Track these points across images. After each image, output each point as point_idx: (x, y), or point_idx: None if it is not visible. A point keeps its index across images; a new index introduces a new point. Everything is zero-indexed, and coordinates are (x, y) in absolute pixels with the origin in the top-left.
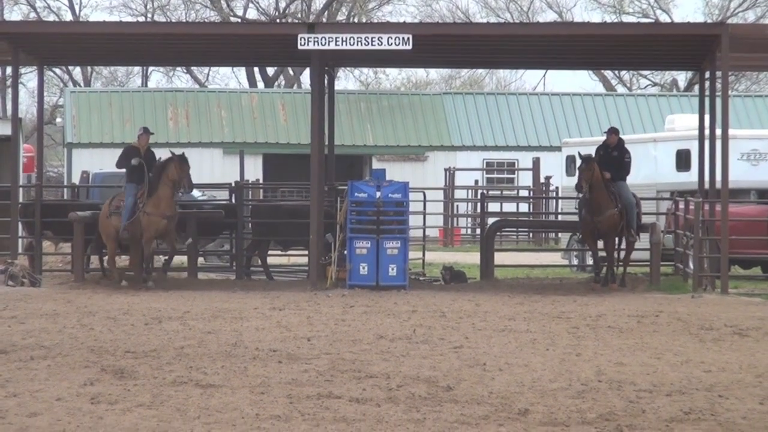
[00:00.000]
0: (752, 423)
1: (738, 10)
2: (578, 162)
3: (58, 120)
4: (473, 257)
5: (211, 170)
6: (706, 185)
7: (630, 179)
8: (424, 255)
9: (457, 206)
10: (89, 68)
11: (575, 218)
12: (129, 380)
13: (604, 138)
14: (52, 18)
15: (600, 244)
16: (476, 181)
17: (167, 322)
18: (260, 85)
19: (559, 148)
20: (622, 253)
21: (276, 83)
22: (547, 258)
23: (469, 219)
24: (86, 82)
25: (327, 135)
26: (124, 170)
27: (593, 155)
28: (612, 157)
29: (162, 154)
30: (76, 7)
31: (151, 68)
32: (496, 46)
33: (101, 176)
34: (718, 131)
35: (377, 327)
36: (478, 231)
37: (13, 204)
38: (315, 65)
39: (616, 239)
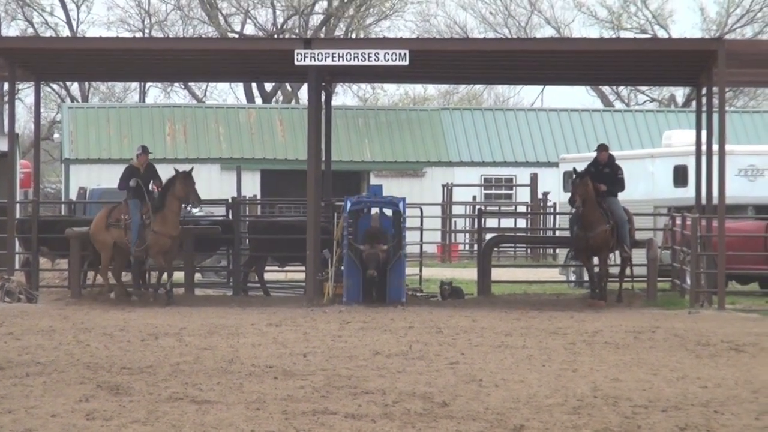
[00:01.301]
0: None
1: (736, 25)
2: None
3: (56, 136)
4: (470, 273)
5: (209, 186)
6: (704, 201)
7: (627, 195)
8: (421, 271)
9: (455, 222)
10: (87, 84)
11: None
12: (124, 396)
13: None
14: (49, 33)
15: (595, 260)
16: (474, 197)
17: (163, 338)
18: (258, 100)
19: (556, 164)
20: (616, 270)
21: (274, 99)
22: (544, 274)
23: (467, 235)
24: (84, 97)
25: (324, 151)
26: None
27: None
28: (604, 174)
29: (160, 170)
30: (74, 23)
31: (148, 84)
32: (493, 61)
33: (99, 192)
34: (716, 147)
35: (374, 343)
36: (475, 247)
37: (9, 220)
38: (312, 81)
39: (610, 255)
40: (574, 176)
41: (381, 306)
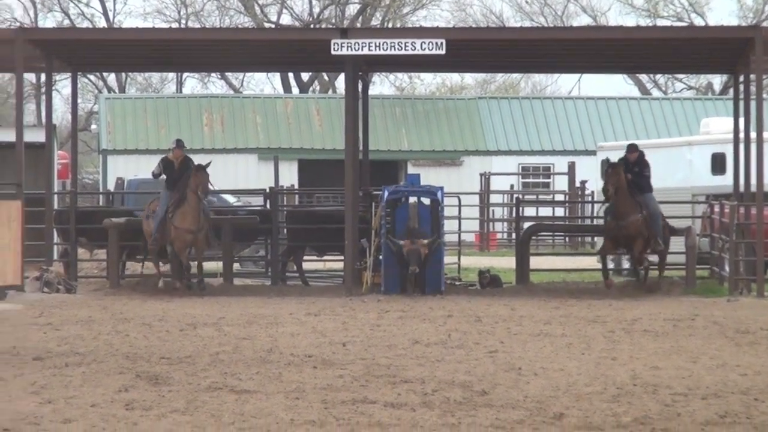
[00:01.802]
0: None
1: None
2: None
3: (93, 126)
4: (509, 261)
5: (246, 176)
6: (742, 188)
7: (665, 183)
8: (459, 260)
9: (493, 211)
10: (123, 74)
11: None
12: (164, 386)
13: (638, 142)
14: (85, 25)
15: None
16: (512, 186)
17: (202, 328)
18: (295, 90)
19: (594, 152)
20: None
21: (311, 88)
22: (582, 262)
23: (505, 223)
24: (121, 88)
25: (362, 140)
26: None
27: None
28: (633, 173)
29: (197, 160)
30: (110, 14)
31: (185, 74)
32: (530, 50)
33: (136, 183)
34: (753, 134)
35: (412, 332)
36: (513, 235)
37: (47, 211)
38: (349, 70)
39: (643, 245)
40: (606, 167)
41: (419, 295)
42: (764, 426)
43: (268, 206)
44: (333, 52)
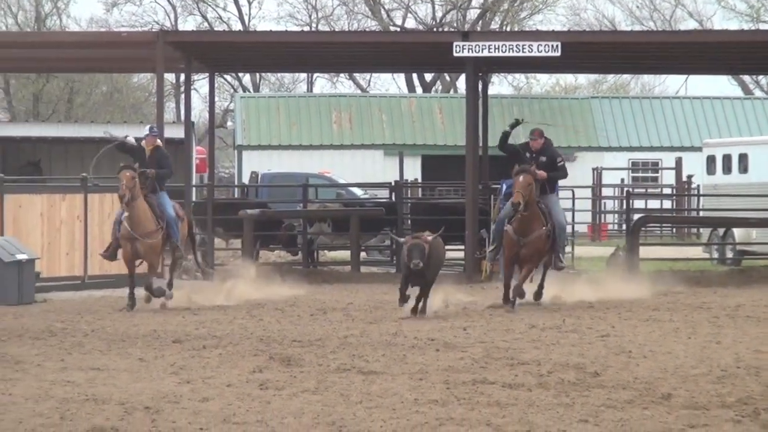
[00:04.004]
0: None
1: None
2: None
3: (229, 123)
4: None
5: (373, 170)
6: None
7: (763, 178)
8: (573, 249)
9: (604, 203)
10: (258, 75)
11: (717, 214)
12: (295, 367)
13: (741, 139)
14: (222, 28)
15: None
16: (622, 180)
17: (331, 313)
18: (418, 90)
19: (700, 149)
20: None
21: (433, 88)
22: (689, 252)
23: (615, 215)
24: (255, 88)
25: (482, 137)
26: (291, 172)
27: None
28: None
29: (325, 156)
30: (245, 18)
31: (315, 75)
32: (639, 52)
33: (269, 176)
34: None
35: (529, 317)
36: (624, 226)
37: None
38: (469, 71)
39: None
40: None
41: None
42: None
43: (393, 198)
44: (455, 54)
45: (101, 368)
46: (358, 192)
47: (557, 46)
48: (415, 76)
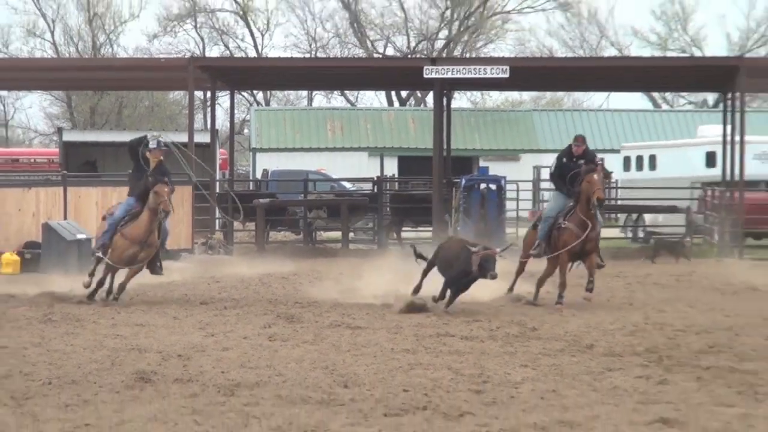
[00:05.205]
0: (762, 354)
1: (753, 46)
2: (634, 161)
3: (246, 131)
4: None
5: (359, 168)
6: (728, 177)
7: (671, 173)
8: (517, 231)
9: (542, 194)
10: (269, 92)
11: (631, 203)
12: (297, 324)
13: (651, 143)
14: (240, 55)
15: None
16: None
17: (326, 280)
18: (396, 104)
19: (618, 151)
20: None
21: (408, 103)
22: (610, 232)
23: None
24: (266, 102)
25: (445, 141)
26: (295, 169)
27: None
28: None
29: (322, 157)
30: (259, 47)
31: (314, 92)
32: (571, 74)
33: (277, 173)
34: (738, 138)
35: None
36: None
37: (212, 193)
38: (437, 90)
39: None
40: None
41: None
42: (743, 354)
43: (375, 191)
44: (425, 76)
45: (143, 324)
46: (348, 185)
47: (506, 69)
48: (393, 93)
